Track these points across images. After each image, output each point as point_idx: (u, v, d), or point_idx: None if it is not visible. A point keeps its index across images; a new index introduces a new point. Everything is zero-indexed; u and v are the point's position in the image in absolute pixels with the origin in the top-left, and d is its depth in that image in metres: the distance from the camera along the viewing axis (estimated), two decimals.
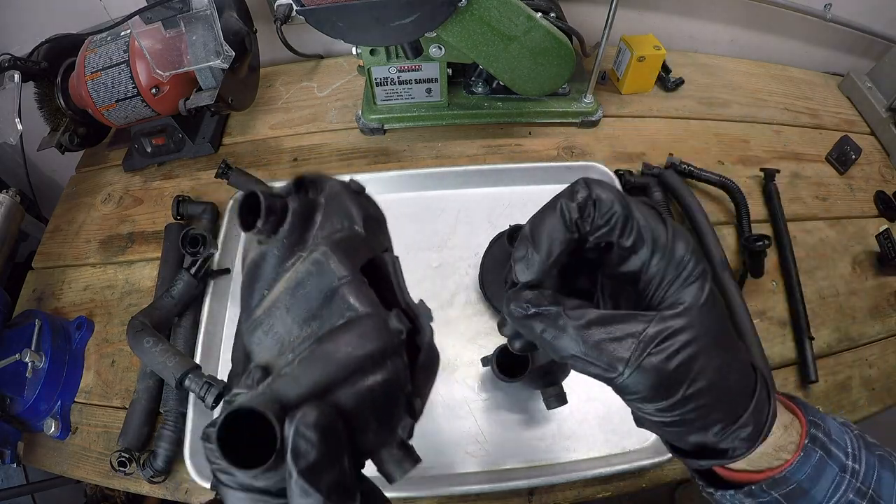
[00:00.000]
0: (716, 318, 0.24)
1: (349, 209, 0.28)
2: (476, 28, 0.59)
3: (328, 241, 0.25)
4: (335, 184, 0.29)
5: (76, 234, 0.71)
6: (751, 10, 0.84)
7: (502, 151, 0.74)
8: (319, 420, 0.20)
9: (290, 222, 0.26)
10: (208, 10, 0.60)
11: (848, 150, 0.75)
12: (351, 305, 0.23)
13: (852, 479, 0.26)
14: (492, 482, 0.48)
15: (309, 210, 0.27)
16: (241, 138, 0.79)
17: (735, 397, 0.25)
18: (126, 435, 0.51)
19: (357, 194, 0.29)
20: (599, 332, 0.23)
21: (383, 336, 0.23)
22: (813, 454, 0.26)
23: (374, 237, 0.28)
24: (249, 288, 0.27)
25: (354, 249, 0.26)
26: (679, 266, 0.24)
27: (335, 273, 0.24)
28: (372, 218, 0.29)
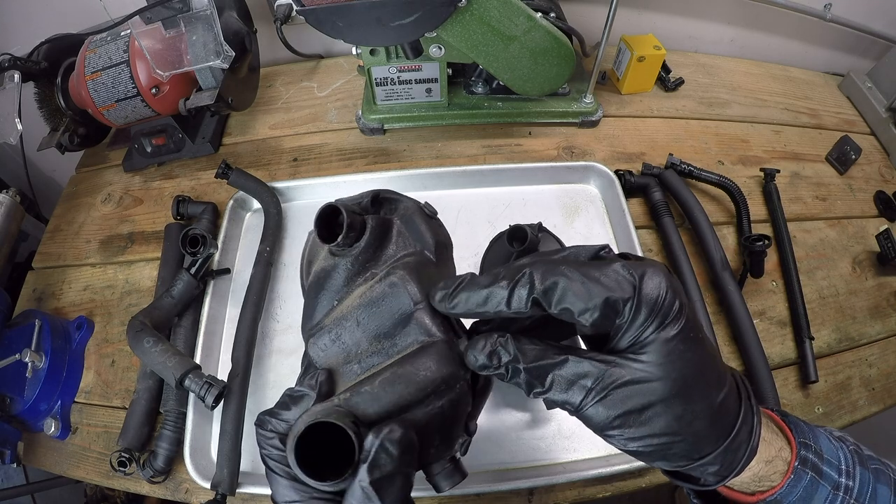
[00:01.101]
0: (687, 363, 0.23)
1: (423, 234, 0.29)
2: (476, 28, 0.59)
3: (405, 266, 0.27)
4: (411, 205, 0.31)
5: (76, 234, 0.71)
6: (751, 10, 0.84)
7: (502, 151, 0.74)
8: (403, 438, 0.22)
9: (366, 240, 0.28)
10: (208, 10, 0.60)
11: (848, 150, 0.75)
12: (426, 331, 0.25)
13: (846, 497, 0.26)
14: (492, 482, 0.48)
15: (384, 229, 0.29)
16: (241, 138, 0.79)
17: (699, 440, 0.24)
18: (126, 435, 0.51)
19: (430, 218, 0.31)
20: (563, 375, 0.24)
21: (456, 362, 0.25)
22: (803, 476, 0.26)
23: (443, 264, 0.30)
24: (317, 295, 0.29)
25: (428, 276, 0.27)
26: (654, 308, 0.23)
27: (411, 298, 0.26)
28: (442, 245, 0.30)
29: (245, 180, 0.64)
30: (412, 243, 0.29)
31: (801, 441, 0.27)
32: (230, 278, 0.62)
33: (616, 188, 0.65)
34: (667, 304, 0.23)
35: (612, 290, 0.22)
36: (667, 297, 0.23)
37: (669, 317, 0.23)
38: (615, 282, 0.23)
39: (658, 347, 0.23)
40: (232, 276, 0.62)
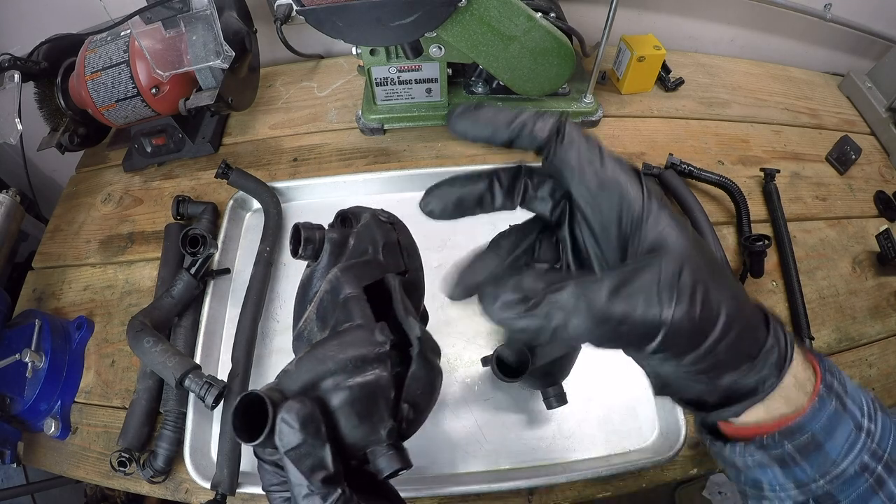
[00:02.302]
0: (703, 251, 0.22)
1: (374, 237, 0.34)
2: (476, 28, 0.59)
3: (342, 265, 0.31)
4: (367, 215, 0.35)
5: (76, 234, 0.71)
6: (751, 10, 0.84)
7: (502, 151, 0.74)
8: (300, 411, 0.24)
9: (327, 250, 0.33)
10: (208, 10, 0.60)
11: (848, 150, 0.75)
12: (349, 317, 0.28)
13: (867, 440, 0.25)
14: (492, 482, 0.48)
15: (344, 239, 0.33)
16: (241, 138, 0.79)
17: (754, 324, 0.23)
18: (126, 435, 0.51)
19: (383, 223, 0.35)
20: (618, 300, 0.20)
21: (366, 344, 0.27)
22: (828, 403, 0.25)
23: (390, 260, 0.34)
24: (301, 303, 0.33)
25: (364, 272, 0.31)
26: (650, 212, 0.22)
27: (342, 290, 0.29)
28: (390, 244, 0.34)
29: (245, 180, 0.64)
30: (365, 247, 0.33)
31: (827, 368, 0.26)
32: (230, 278, 0.62)
33: None
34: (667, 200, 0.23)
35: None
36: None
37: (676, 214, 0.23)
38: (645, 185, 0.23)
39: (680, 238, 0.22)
40: (232, 276, 0.62)
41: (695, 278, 0.21)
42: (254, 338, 0.55)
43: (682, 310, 0.20)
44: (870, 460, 0.25)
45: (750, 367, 0.23)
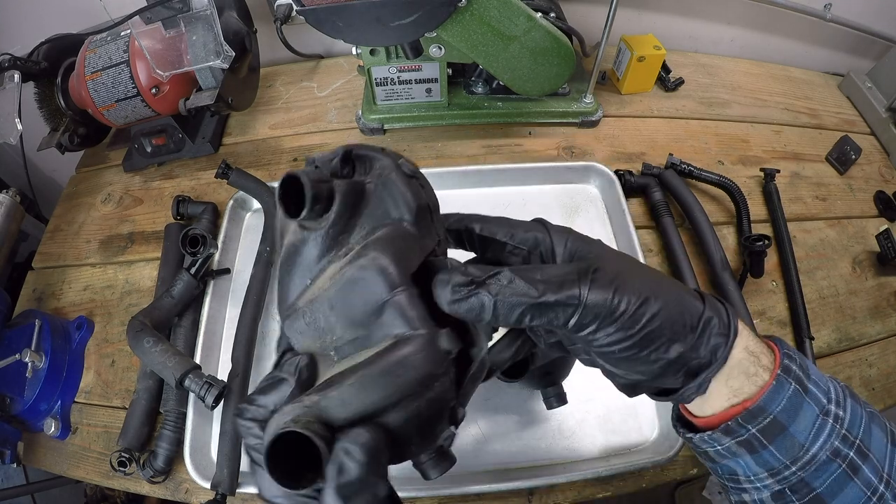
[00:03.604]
0: (621, 255, 0.28)
1: (400, 198, 0.25)
2: (476, 28, 0.59)
3: (378, 244, 0.24)
4: (387, 164, 0.26)
5: (76, 234, 0.71)
6: (751, 10, 0.84)
7: (502, 151, 0.74)
8: (369, 444, 0.20)
9: (336, 212, 0.24)
10: (208, 10, 0.60)
11: (848, 150, 0.75)
12: (403, 322, 0.22)
13: (836, 425, 0.25)
14: (492, 482, 0.48)
15: (357, 196, 0.25)
16: (241, 138, 0.79)
17: (683, 299, 0.26)
18: (126, 435, 0.51)
19: (409, 178, 0.26)
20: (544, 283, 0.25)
21: (434, 359, 0.22)
22: (786, 384, 0.25)
23: (426, 232, 0.26)
24: (289, 273, 0.26)
25: (406, 254, 0.24)
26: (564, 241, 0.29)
27: (385, 285, 0.23)
28: (423, 209, 0.26)
29: (245, 180, 0.64)
30: (389, 211, 0.25)
31: (785, 352, 0.27)
32: (230, 278, 0.62)
33: (616, 188, 0.65)
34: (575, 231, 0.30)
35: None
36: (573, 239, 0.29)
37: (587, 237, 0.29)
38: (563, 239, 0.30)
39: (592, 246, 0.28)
40: (232, 276, 0.62)
41: (611, 268, 0.25)
42: (254, 338, 0.55)
43: (596, 287, 0.24)
44: (841, 445, 0.25)
45: (694, 338, 0.25)
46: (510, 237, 0.29)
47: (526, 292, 0.24)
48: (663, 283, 0.26)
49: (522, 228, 0.30)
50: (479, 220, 0.30)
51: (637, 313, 0.24)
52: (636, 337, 0.25)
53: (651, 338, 0.25)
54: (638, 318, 0.24)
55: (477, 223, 0.30)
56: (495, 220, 0.30)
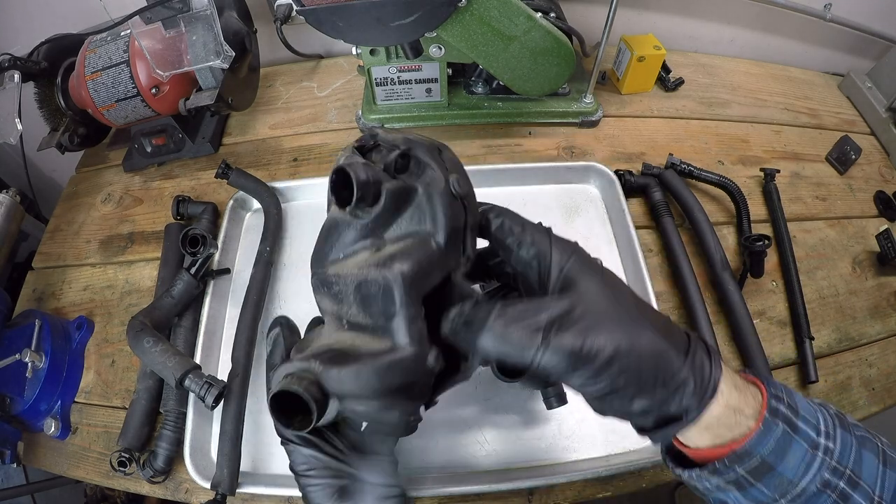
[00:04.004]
0: (612, 296, 0.27)
1: (438, 216, 0.28)
2: (476, 28, 0.59)
3: (405, 260, 0.27)
4: (437, 179, 0.29)
5: (76, 234, 0.71)
6: (751, 10, 0.84)
7: (502, 151, 0.74)
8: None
9: (378, 212, 0.28)
10: (208, 10, 0.60)
11: (848, 150, 0.75)
12: (402, 335, 0.26)
13: (826, 458, 0.25)
14: (492, 482, 0.48)
15: (402, 199, 0.28)
16: (241, 138, 0.79)
17: (660, 356, 0.26)
18: (126, 435, 0.51)
19: (454, 199, 0.29)
20: (509, 326, 0.26)
21: (418, 372, 0.26)
22: (774, 427, 0.25)
23: (454, 252, 0.29)
24: (327, 241, 0.30)
25: (426, 273, 0.27)
26: (560, 264, 0.29)
27: (399, 300, 0.26)
28: (458, 231, 0.29)
29: (245, 180, 0.64)
30: (424, 223, 0.28)
31: (773, 393, 0.27)
32: (230, 278, 0.62)
33: (616, 188, 0.65)
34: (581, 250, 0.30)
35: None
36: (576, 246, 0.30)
37: (588, 260, 0.29)
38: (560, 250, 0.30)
39: (586, 278, 0.28)
40: (232, 276, 0.62)
41: (587, 314, 0.26)
42: (254, 338, 0.55)
43: (555, 346, 0.25)
44: (831, 477, 0.25)
45: (665, 395, 0.26)
46: (517, 244, 0.30)
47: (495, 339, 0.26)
48: (642, 334, 0.26)
49: (529, 237, 0.30)
50: (497, 216, 0.32)
51: (599, 368, 0.25)
52: (596, 387, 0.26)
53: (613, 389, 0.26)
54: (599, 373, 0.25)
55: (495, 218, 0.32)
56: (510, 217, 0.32)
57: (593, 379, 0.25)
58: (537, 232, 0.30)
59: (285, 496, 0.49)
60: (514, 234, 0.30)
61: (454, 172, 0.30)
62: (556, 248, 0.29)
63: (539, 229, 0.31)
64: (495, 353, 0.26)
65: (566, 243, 0.30)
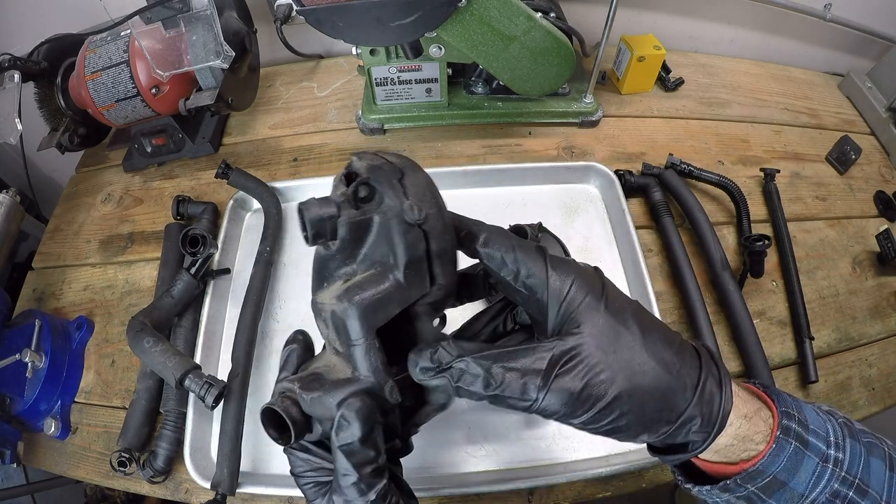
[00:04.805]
0: (614, 330, 0.26)
1: (395, 247, 0.28)
2: (476, 28, 0.59)
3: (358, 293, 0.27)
4: (392, 208, 0.28)
5: (76, 234, 0.71)
6: (751, 10, 0.84)
7: (502, 151, 0.74)
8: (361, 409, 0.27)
9: (337, 247, 0.29)
10: (208, 10, 0.60)
11: (848, 150, 0.75)
12: (358, 366, 0.28)
13: (836, 469, 0.26)
14: (492, 482, 0.48)
15: (360, 231, 0.29)
16: (241, 138, 0.79)
17: (664, 395, 0.25)
18: (126, 435, 0.51)
19: (411, 227, 0.28)
20: (507, 372, 0.25)
21: (370, 405, 0.27)
22: (786, 446, 0.26)
23: (416, 282, 0.29)
24: (315, 270, 0.31)
25: (381, 307, 0.28)
26: (559, 297, 0.27)
27: (349, 332, 0.27)
28: (417, 260, 0.28)
29: (245, 180, 0.64)
30: (383, 254, 0.28)
31: (784, 410, 0.27)
32: (230, 278, 0.62)
33: (616, 188, 0.65)
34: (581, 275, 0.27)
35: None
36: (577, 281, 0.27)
37: (590, 286, 0.27)
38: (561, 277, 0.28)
39: (590, 320, 0.26)
40: (232, 276, 0.62)
41: (590, 354, 0.25)
42: (254, 338, 0.55)
43: (557, 389, 0.25)
44: (840, 487, 0.26)
45: (671, 430, 0.26)
46: (513, 277, 0.28)
47: (487, 383, 0.26)
48: (647, 371, 0.25)
49: (524, 270, 0.28)
50: (485, 245, 0.29)
51: (601, 412, 0.25)
52: (599, 428, 0.26)
53: (616, 430, 0.26)
54: (601, 418, 0.25)
55: (482, 249, 0.29)
56: (500, 245, 0.29)
57: (594, 423, 0.25)
58: (532, 260, 0.28)
59: (285, 496, 0.49)
60: (508, 266, 0.28)
61: (413, 198, 0.29)
62: (553, 276, 0.27)
63: (533, 255, 0.28)
64: (490, 399, 0.26)
65: (564, 269, 0.28)
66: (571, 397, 0.25)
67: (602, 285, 0.28)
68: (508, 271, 0.28)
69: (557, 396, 0.25)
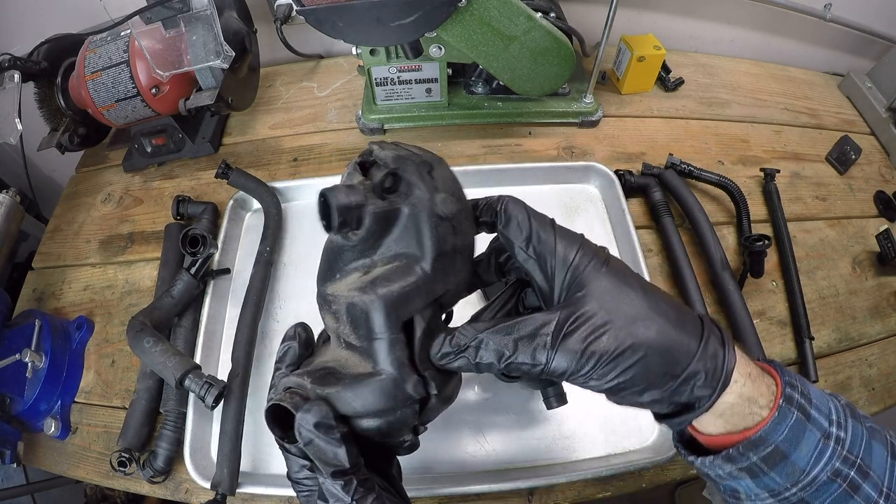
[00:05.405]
0: (618, 291, 0.27)
1: (423, 240, 0.28)
2: (476, 28, 0.59)
3: (386, 286, 0.27)
4: (423, 199, 0.28)
5: (76, 234, 0.71)
6: (751, 10, 0.84)
7: (502, 151, 0.74)
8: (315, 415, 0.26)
9: (362, 237, 0.28)
10: (208, 10, 0.60)
11: (848, 150, 0.75)
12: (382, 360, 0.27)
13: (837, 447, 0.26)
14: (492, 482, 0.48)
15: (387, 222, 0.28)
16: (241, 138, 0.79)
17: (668, 349, 0.26)
18: (126, 435, 0.51)
19: (441, 220, 0.28)
20: (518, 340, 0.27)
21: (397, 398, 0.27)
22: (789, 414, 0.26)
23: (442, 276, 0.29)
24: (326, 261, 0.31)
25: (407, 300, 0.27)
26: (566, 262, 0.28)
27: (378, 327, 0.27)
28: (446, 254, 0.28)
29: (245, 180, 0.64)
30: (410, 246, 0.28)
31: (787, 380, 0.27)
32: (230, 278, 0.62)
33: (616, 188, 0.65)
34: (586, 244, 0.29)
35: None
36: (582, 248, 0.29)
37: (595, 253, 0.28)
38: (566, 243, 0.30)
39: (594, 282, 0.27)
40: (232, 276, 0.62)
41: (596, 313, 0.26)
42: (254, 338, 0.55)
43: (566, 348, 0.26)
44: (841, 466, 0.26)
45: (674, 386, 0.26)
46: (525, 244, 0.30)
47: (500, 354, 0.27)
48: (650, 328, 0.26)
49: (535, 236, 0.30)
50: (506, 210, 0.31)
51: (606, 367, 0.26)
52: (607, 384, 0.26)
53: (622, 386, 0.26)
54: (607, 372, 0.26)
55: (504, 214, 0.31)
56: (518, 211, 0.30)
57: (600, 378, 0.26)
58: (542, 227, 0.30)
59: (285, 496, 0.49)
60: (522, 231, 0.30)
61: (444, 192, 0.29)
62: (560, 243, 0.29)
63: (544, 222, 0.30)
64: (506, 368, 0.27)
65: (571, 238, 0.30)
66: (577, 355, 0.26)
67: (606, 254, 0.29)
68: (522, 238, 0.29)
69: (565, 356, 0.26)
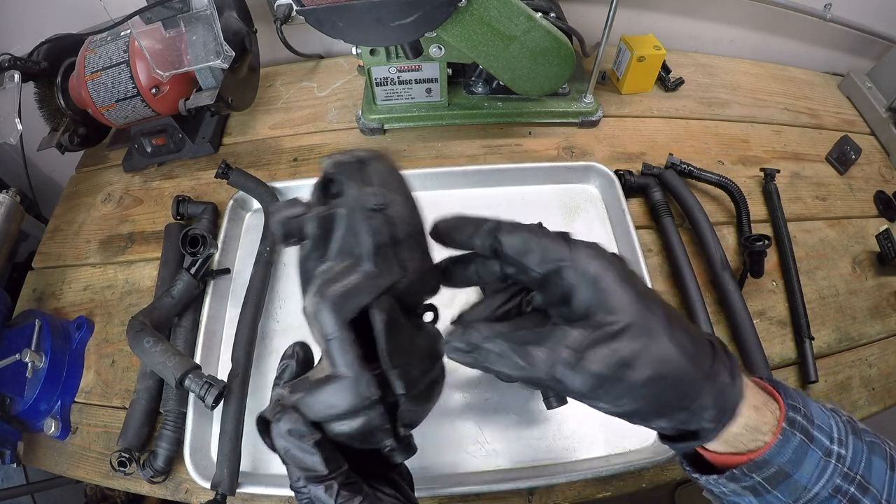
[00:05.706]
0: (648, 315, 0.26)
1: (360, 235, 0.28)
2: (476, 28, 0.59)
3: (327, 289, 0.27)
4: (353, 196, 0.28)
5: (76, 234, 0.71)
6: (751, 10, 0.84)
7: (502, 151, 0.74)
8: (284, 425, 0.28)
9: (312, 243, 0.29)
10: (208, 10, 0.60)
11: (848, 150, 0.75)
12: (334, 362, 0.27)
13: (838, 464, 0.26)
14: (492, 482, 0.48)
15: (327, 226, 0.29)
16: (241, 138, 0.79)
17: (682, 382, 0.26)
18: (126, 435, 0.51)
19: (373, 213, 0.28)
20: (537, 352, 0.26)
21: (354, 398, 0.27)
22: (792, 437, 0.26)
23: (386, 268, 0.28)
24: (301, 276, 0.31)
25: (350, 298, 0.27)
26: (586, 277, 0.27)
27: (325, 329, 0.27)
28: (383, 246, 0.28)
29: (245, 180, 0.64)
30: (350, 245, 0.28)
31: (790, 403, 0.27)
32: (230, 278, 0.62)
33: (616, 188, 0.65)
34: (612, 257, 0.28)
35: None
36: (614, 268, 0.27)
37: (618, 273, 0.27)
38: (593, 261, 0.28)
39: (621, 307, 0.26)
40: (232, 276, 0.62)
41: (610, 346, 0.25)
42: (254, 338, 0.55)
43: (583, 373, 0.25)
44: (842, 482, 0.26)
45: (684, 417, 0.26)
46: (538, 263, 0.28)
47: (515, 365, 0.26)
48: (674, 356, 0.25)
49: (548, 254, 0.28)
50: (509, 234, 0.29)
51: (622, 396, 0.25)
52: (617, 409, 0.26)
53: (631, 412, 0.26)
54: (621, 401, 0.26)
55: (507, 237, 0.29)
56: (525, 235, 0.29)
57: (610, 402, 0.26)
58: (554, 243, 0.28)
59: (285, 496, 0.49)
60: (532, 252, 0.28)
61: (376, 184, 0.29)
62: (578, 258, 0.27)
63: (555, 238, 0.29)
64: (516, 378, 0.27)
65: (588, 252, 0.28)
66: (597, 380, 0.25)
67: (626, 269, 0.28)
68: (532, 257, 0.28)
69: (583, 378, 0.25)
